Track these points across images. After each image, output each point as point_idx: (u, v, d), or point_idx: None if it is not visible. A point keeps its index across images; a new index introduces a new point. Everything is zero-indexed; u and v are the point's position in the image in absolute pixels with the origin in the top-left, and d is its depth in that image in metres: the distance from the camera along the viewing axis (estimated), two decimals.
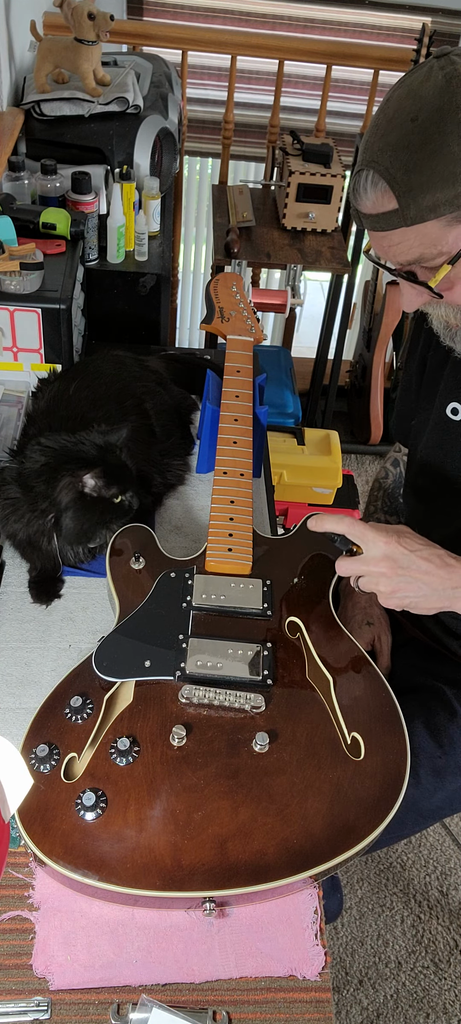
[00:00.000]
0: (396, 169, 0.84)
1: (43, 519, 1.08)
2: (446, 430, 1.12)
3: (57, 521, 1.07)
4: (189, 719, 0.90)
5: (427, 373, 1.18)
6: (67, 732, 0.89)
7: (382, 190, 0.86)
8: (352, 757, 0.87)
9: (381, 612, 1.22)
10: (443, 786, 1.13)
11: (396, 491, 1.37)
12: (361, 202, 0.90)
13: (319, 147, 2.32)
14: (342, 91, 3.02)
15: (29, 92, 1.90)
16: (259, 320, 1.41)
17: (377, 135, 0.87)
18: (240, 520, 1.10)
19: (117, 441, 1.11)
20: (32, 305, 1.37)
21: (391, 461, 1.39)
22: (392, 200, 0.86)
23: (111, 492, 1.08)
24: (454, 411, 1.10)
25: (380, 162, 0.85)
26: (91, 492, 1.07)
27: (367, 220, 0.91)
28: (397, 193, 0.85)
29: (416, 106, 0.84)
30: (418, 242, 0.88)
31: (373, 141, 0.87)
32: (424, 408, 1.18)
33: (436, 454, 1.15)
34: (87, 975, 0.78)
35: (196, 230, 3.42)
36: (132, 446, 1.21)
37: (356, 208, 0.92)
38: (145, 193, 1.82)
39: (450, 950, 1.73)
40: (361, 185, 0.89)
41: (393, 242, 0.90)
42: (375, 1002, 1.65)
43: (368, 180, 0.87)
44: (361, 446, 2.97)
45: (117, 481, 1.08)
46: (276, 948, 0.81)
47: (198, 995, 0.78)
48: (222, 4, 2.90)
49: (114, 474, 1.08)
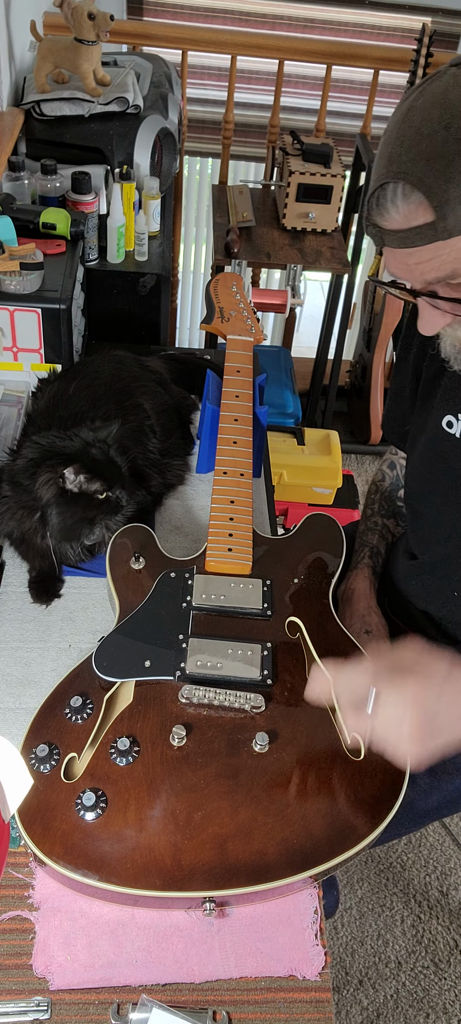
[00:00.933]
0: (432, 179, 0.79)
1: (31, 516, 1.08)
2: (442, 443, 1.11)
3: (44, 517, 1.07)
4: (189, 719, 0.90)
5: (422, 385, 1.17)
6: (67, 732, 0.89)
7: (416, 202, 0.81)
8: (352, 757, 0.87)
9: (380, 620, 1.22)
10: (439, 786, 1.13)
11: (393, 493, 1.36)
12: (388, 217, 0.84)
13: (319, 147, 2.32)
14: (342, 91, 3.02)
15: (29, 92, 1.90)
16: (259, 320, 1.41)
17: (404, 146, 0.81)
18: (240, 520, 1.10)
19: (106, 437, 1.11)
20: (32, 305, 1.37)
21: (387, 463, 1.39)
22: (428, 212, 0.80)
23: (94, 488, 1.07)
24: (449, 424, 1.09)
25: (412, 172, 0.80)
26: (72, 487, 1.06)
27: (393, 237, 0.85)
28: (434, 204, 0.80)
29: (447, 114, 0.79)
30: (453, 255, 0.83)
31: (399, 152, 0.82)
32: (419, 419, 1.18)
33: (432, 467, 1.14)
34: (87, 975, 0.78)
35: (196, 230, 3.42)
36: (131, 445, 1.21)
37: (377, 225, 0.86)
38: (145, 193, 1.82)
39: (450, 950, 1.73)
40: (388, 199, 0.83)
41: (422, 259, 0.84)
42: (375, 1002, 1.65)
43: (398, 192, 0.82)
44: (361, 446, 2.98)
45: (102, 477, 1.07)
46: (276, 948, 0.81)
47: (198, 995, 0.78)
48: (222, 4, 2.90)
49: (98, 470, 1.07)
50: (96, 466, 1.07)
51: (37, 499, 1.06)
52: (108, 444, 1.10)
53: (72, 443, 1.08)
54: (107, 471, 1.08)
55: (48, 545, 1.09)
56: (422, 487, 1.17)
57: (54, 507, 1.06)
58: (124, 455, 1.14)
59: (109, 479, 1.08)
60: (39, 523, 1.08)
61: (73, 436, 1.09)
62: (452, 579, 1.14)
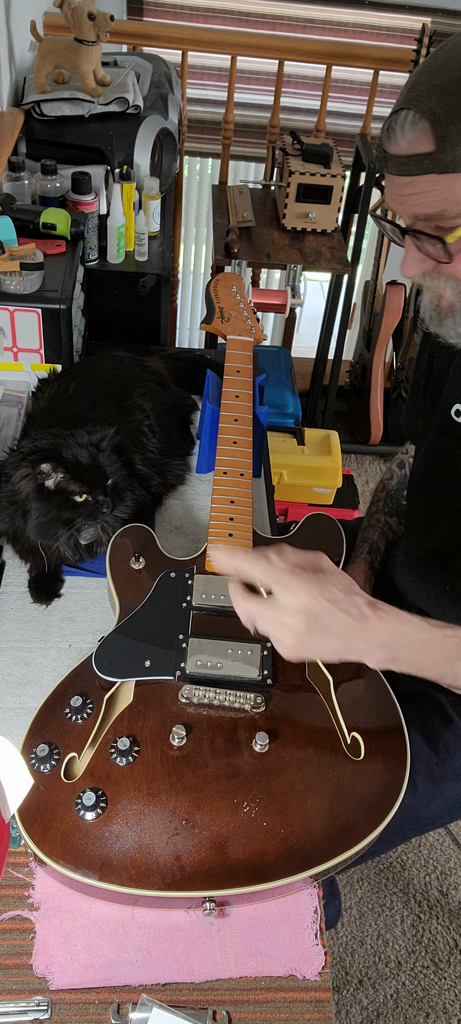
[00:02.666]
0: (441, 112, 0.81)
1: (19, 512, 1.08)
2: (451, 432, 1.11)
3: (26, 514, 1.07)
4: (189, 719, 0.90)
5: (433, 374, 1.18)
6: (67, 732, 0.89)
7: (422, 131, 0.83)
8: (352, 757, 0.88)
9: None
10: (440, 793, 1.13)
11: (399, 493, 1.37)
12: (394, 141, 0.86)
13: (319, 147, 2.32)
14: (342, 91, 3.02)
15: (29, 92, 1.90)
16: (259, 320, 1.41)
17: (425, 76, 0.84)
18: (240, 520, 1.10)
19: (99, 441, 1.09)
20: (32, 305, 1.37)
21: (397, 463, 1.39)
22: (429, 142, 0.83)
23: (71, 488, 1.06)
24: (457, 412, 1.10)
25: (425, 102, 0.83)
26: (50, 484, 1.05)
27: (395, 162, 0.87)
28: (436, 135, 0.82)
29: None
30: (444, 195, 0.85)
31: (420, 81, 0.84)
32: (429, 409, 1.18)
33: (441, 455, 1.14)
34: (87, 975, 0.78)
35: (196, 230, 3.42)
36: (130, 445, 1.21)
37: (384, 149, 0.88)
38: (145, 193, 1.82)
39: (450, 950, 1.73)
40: (398, 124, 0.85)
41: (417, 189, 0.86)
42: (375, 1002, 1.65)
43: (408, 119, 0.84)
44: (361, 446, 2.98)
45: (81, 479, 1.06)
46: (276, 948, 0.81)
47: (198, 995, 0.78)
48: (222, 4, 2.90)
49: (79, 471, 1.06)
50: (77, 467, 1.06)
51: (16, 493, 1.06)
52: (98, 448, 1.09)
53: (58, 442, 1.07)
54: (89, 474, 1.07)
55: (35, 543, 1.09)
56: (430, 474, 1.17)
57: (32, 503, 1.06)
58: (117, 462, 1.12)
59: (89, 482, 1.06)
60: (21, 519, 1.08)
61: (63, 436, 1.08)
62: (444, 573, 1.14)
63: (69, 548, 1.11)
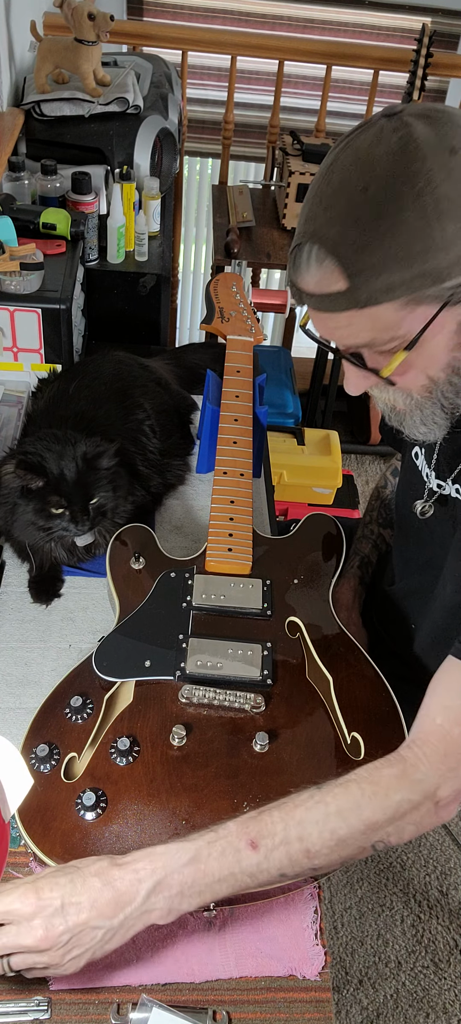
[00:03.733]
0: (345, 246, 0.74)
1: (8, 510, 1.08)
2: (413, 472, 1.10)
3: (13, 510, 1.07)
4: (189, 719, 0.90)
5: None
6: (67, 732, 0.89)
7: (329, 268, 0.76)
8: (352, 757, 0.87)
9: (358, 631, 1.21)
10: None
11: (393, 502, 1.35)
12: (302, 279, 0.79)
13: (319, 147, 2.32)
14: (342, 91, 3.02)
15: (29, 92, 1.90)
16: (259, 320, 1.41)
17: (321, 205, 0.76)
18: (240, 520, 1.10)
19: (94, 455, 1.07)
20: (32, 305, 1.37)
21: (391, 470, 1.37)
22: (340, 280, 0.76)
23: (49, 499, 1.04)
24: (416, 456, 1.07)
25: (326, 236, 0.75)
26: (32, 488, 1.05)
27: (310, 299, 0.80)
28: (347, 273, 0.75)
29: (367, 175, 0.73)
30: (369, 326, 0.78)
31: (317, 211, 0.77)
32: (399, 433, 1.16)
33: (406, 495, 1.11)
34: (87, 975, 0.78)
35: (196, 230, 3.42)
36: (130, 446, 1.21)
37: (295, 285, 0.81)
38: (145, 193, 1.82)
39: (450, 950, 1.73)
40: (303, 260, 0.78)
41: (339, 324, 0.80)
42: (375, 1002, 1.65)
43: (312, 256, 0.77)
44: (361, 446, 2.97)
45: (62, 493, 1.04)
46: (276, 948, 0.81)
47: (198, 995, 0.78)
48: (222, 4, 2.90)
49: (60, 485, 1.04)
50: (60, 480, 1.04)
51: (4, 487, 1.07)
52: (90, 463, 1.07)
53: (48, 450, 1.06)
54: (69, 489, 1.05)
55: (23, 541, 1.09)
56: (400, 513, 1.15)
57: (16, 499, 1.06)
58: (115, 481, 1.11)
59: (69, 497, 1.05)
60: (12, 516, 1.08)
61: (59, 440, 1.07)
62: (411, 613, 1.14)
63: (64, 550, 1.11)
